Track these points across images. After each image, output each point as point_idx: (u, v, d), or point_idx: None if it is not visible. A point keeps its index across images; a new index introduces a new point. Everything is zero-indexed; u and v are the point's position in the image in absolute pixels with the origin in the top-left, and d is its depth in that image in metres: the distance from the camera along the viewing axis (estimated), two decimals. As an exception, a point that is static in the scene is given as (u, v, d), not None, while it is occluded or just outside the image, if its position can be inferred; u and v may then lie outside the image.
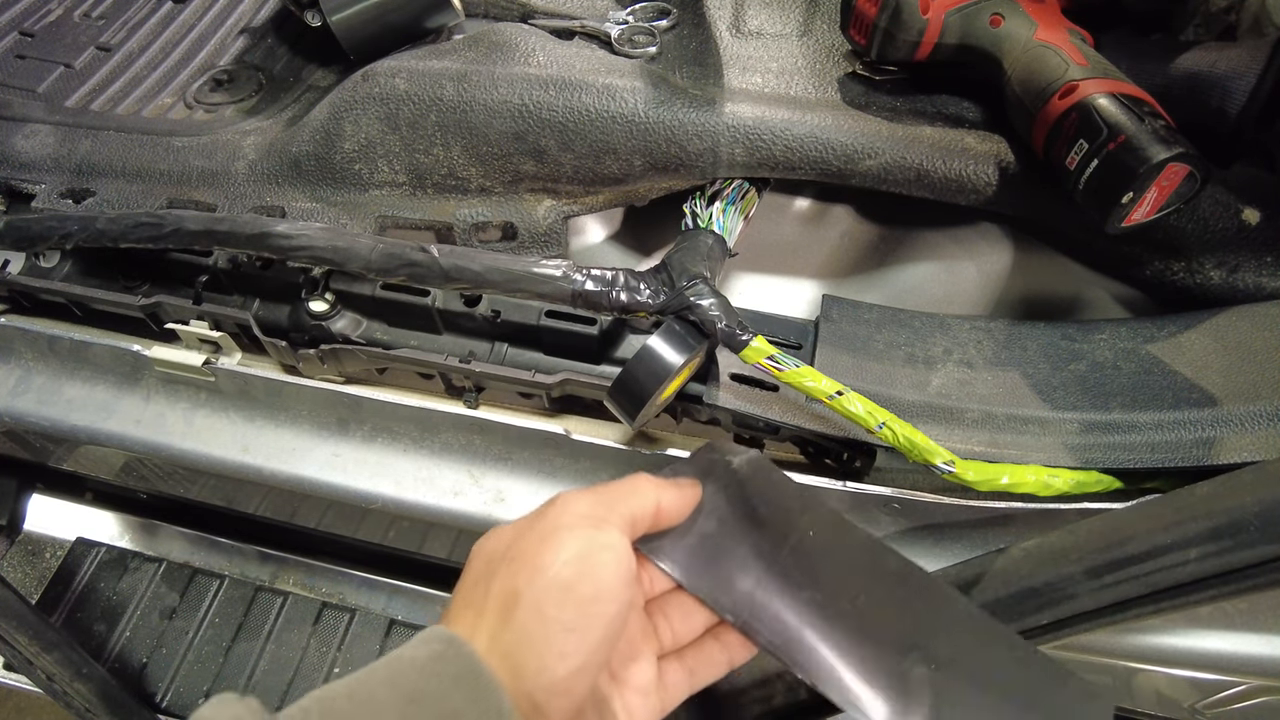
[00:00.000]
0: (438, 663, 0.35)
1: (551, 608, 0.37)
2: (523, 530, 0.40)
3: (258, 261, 0.66)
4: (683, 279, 0.56)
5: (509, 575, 0.38)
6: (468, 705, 0.34)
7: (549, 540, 0.38)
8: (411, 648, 0.36)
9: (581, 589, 0.37)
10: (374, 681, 0.34)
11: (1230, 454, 0.51)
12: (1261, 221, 0.58)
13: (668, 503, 0.43)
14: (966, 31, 0.60)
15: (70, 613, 0.95)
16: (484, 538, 0.41)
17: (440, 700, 0.34)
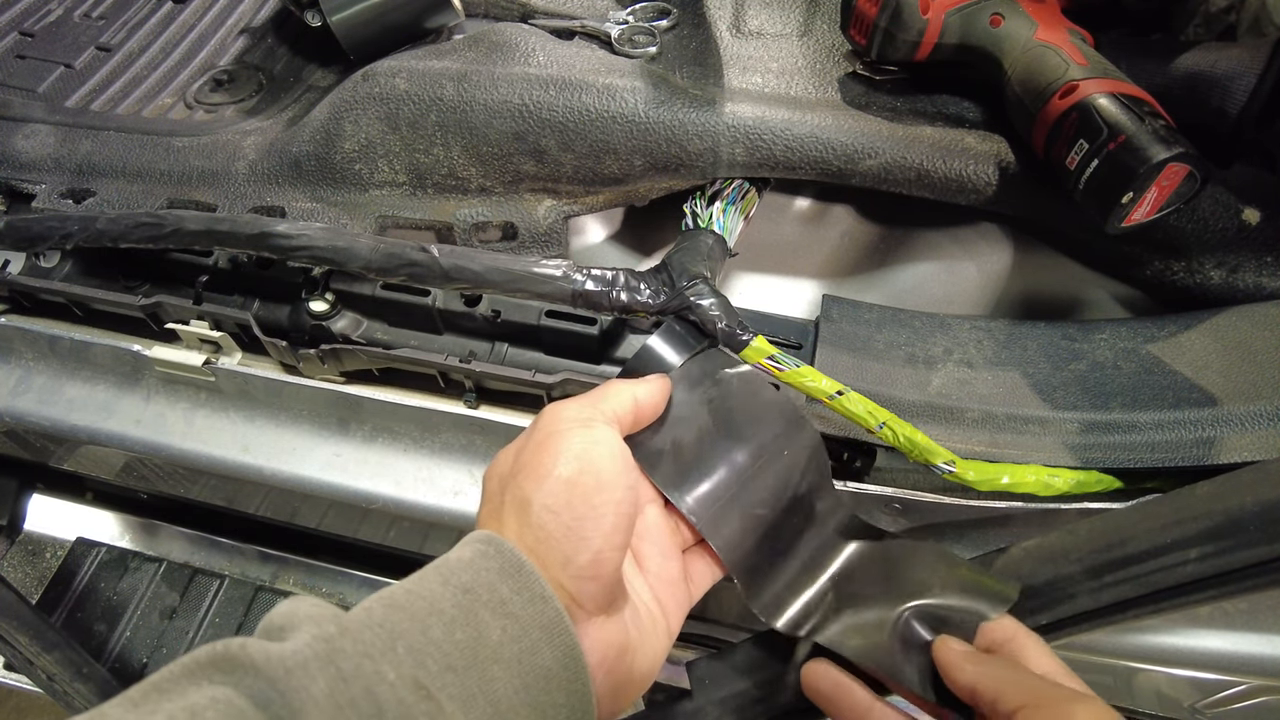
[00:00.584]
0: (483, 559, 0.38)
1: (560, 504, 0.40)
2: (521, 444, 0.43)
3: (258, 261, 0.66)
4: (683, 279, 0.56)
5: (517, 486, 0.41)
6: (514, 593, 0.37)
7: (546, 446, 0.41)
8: (457, 550, 0.39)
9: (584, 481, 0.40)
10: (428, 579, 0.37)
11: (1230, 454, 0.51)
12: (1261, 221, 0.58)
13: (643, 397, 0.46)
14: (966, 31, 0.60)
15: (70, 613, 0.95)
16: (491, 462, 0.44)
17: (490, 589, 0.36)
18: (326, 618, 0.34)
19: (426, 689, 0.32)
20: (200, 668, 0.31)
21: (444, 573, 0.37)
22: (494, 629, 0.35)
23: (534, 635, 0.36)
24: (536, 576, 0.37)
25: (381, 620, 0.34)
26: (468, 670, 0.34)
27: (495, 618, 0.36)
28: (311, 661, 0.31)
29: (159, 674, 0.32)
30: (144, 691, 0.31)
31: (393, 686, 0.32)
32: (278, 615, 0.35)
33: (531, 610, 0.37)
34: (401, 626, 0.34)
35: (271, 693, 0.30)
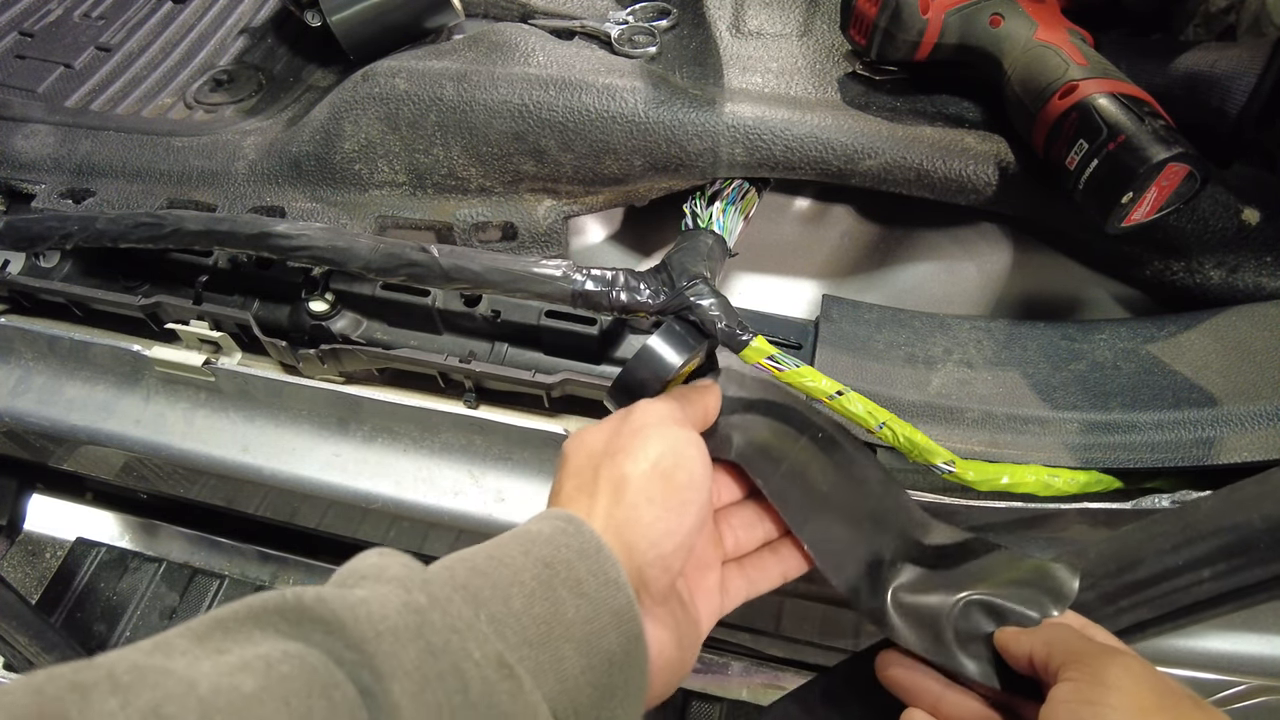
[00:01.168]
0: (563, 536, 0.39)
1: (657, 492, 0.41)
2: (616, 428, 0.45)
3: (257, 261, 0.66)
4: (683, 279, 0.56)
5: (614, 465, 0.42)
6: (590, 574, 0.38)
7: (645, 435, 0.43)
8: (536, 523, 0.40)
9: (678, 477, 0.42)
10: (508, 547, 0.38)
11: (1230, 454, 0.51)
12: (1261, 221, 0.58)
13: (711, 406, 0.49)
14: (966, 31, 0.60)
15: (70, 613, 0.95)
16: (575, 438, 0.46)
17: (568, 568, 0.37)
18: (415, 583, 0.34)
19: (509, 666, 0.33)
20: (267, 614, 0.31)
21: (524, 544, 0.38)
22: (569, 607, 0.36)
23: (604, 619, 0.37)
24: (613, 561, 0.39)
25: (465, 584, 0.35)
26: (542, 645, 0.35)
27: (571, 596, 0.37)
28: (402, 631, 0.31)
29: (221, 611, 0.31)
30: (207, 626, 0.31)
31: (478, 665, 0.32)
32: (363, 566, 0.36)
33: (604, 594, 0.38)
34: (484, 594, 0.35)
35: (353, 655, 0.30)
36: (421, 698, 0.30)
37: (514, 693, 0.33)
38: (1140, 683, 0.39)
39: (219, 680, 0.27)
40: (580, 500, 0.42)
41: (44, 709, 0.24)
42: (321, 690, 0.29)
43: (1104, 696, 0.38)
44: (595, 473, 0.43)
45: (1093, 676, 0.39)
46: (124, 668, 0.26)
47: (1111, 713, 0.38)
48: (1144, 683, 0.39)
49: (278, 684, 0.28)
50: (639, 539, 0.41)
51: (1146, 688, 0.39)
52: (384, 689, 0.30)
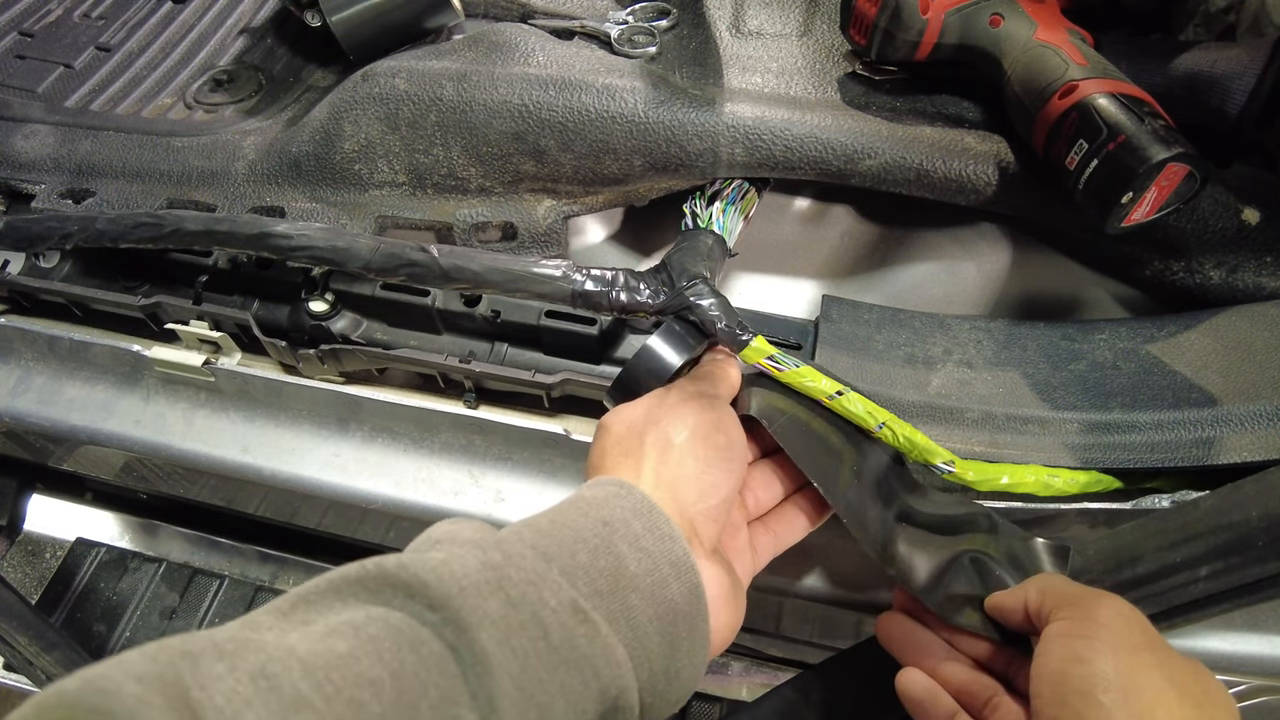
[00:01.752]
0: (616, 499, 0.41)
1: (701, 450, 0.45)
2: (655, 403, 0.48)
3: (257, 261, 0.66)
4: (683, 279, 0.56)
5: (659, 431, 0.46)
6: (645, 530, 0.40)
7: (686, 405, 0.47)
8: (589, 490, 0.42)
9: (718, 439, 0.46)
10: (566, 512, 0.40)
11: (1230, 454, 0.51)
12: (1261, 221, 0.58)
13: (734, 376, 0.52)
14: (966, 31, 0.60)
15: (70, 613, 0.95)
16: (614, 413, 0.49)
17: (625, 524, 0.40)
18: (489, 543, 0.36)
19: (584, 611, 0.35)
20: (348, 585, 0.33)
21: (581, 508, 0.40)
22: (630, 559, 0.38)
23: (664, 569, 0.39)
24: (665, 517, 0.41)
25: (533, 543, 0.37)
26: (611, 595, 0.37)
27: (631, 550, 0.39)
28: (483, 585, 0.33)
29: (302, 588, 0.33)
30: (291, 602, 0.32)
31: (555, 611, 0.34)
32: (439, 531, 0.38)
33: (661, 547, 0.40)
34: (552, 551, 0.37)
35: (435, 615, 0.32)
36: (507, 644, 0.32)
37: (591, 636, 0.35)
38: (1129, 622, 0.40)
39: (313, 645, 0.29)
40: (626, 465, 0.45)
41: (161, 672, 0.26)
42: (410, 645, 0.31)
43: (1095, 631, 0.40)
44: (640, 440, 0.46)
45: (1084, 614, 0.41)
46: (224, 637, 0.29)
47: (1102, 645, 0.39)
48: (1133, 622, 0.40)
49: (368, 643, 0.30)
50: (687, 493, 0.43)
51: (1135, 627, 0.40)
52: (471, 639, 0.32)
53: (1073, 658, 0.40)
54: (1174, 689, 0.38)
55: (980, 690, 0.46)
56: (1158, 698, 0.38)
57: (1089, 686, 0.38)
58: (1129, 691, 0.38)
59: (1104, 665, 0.38)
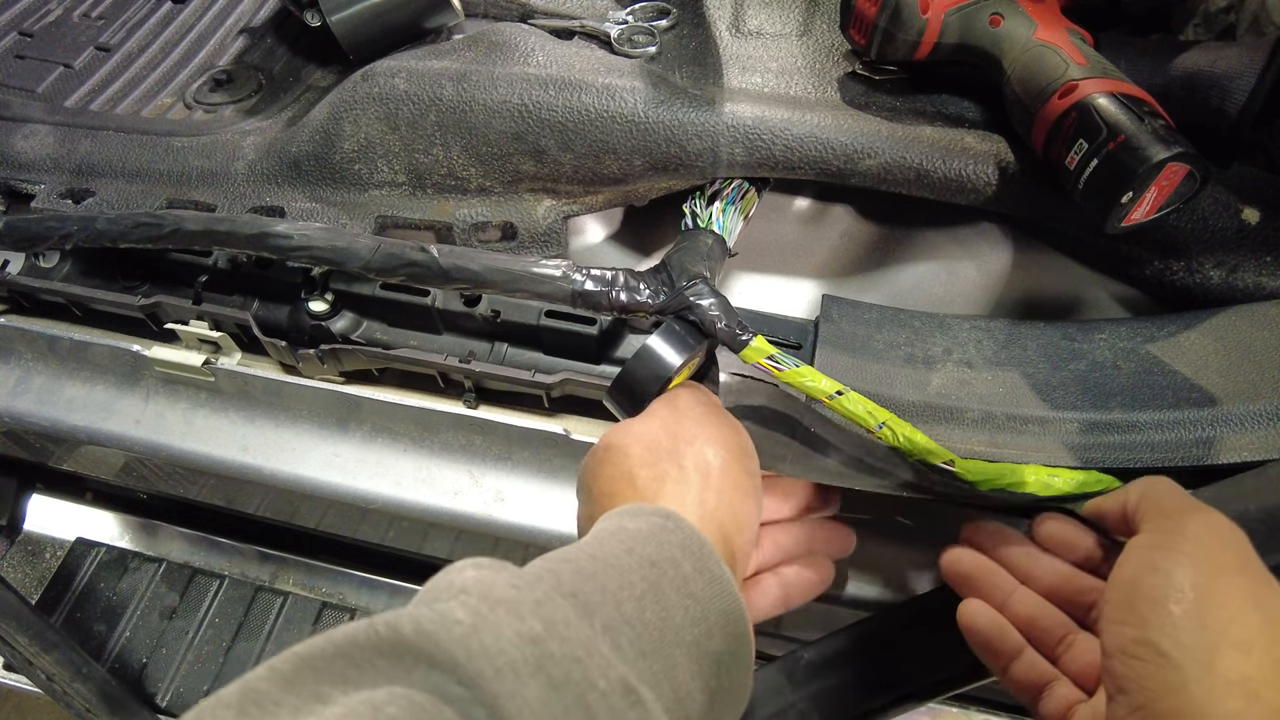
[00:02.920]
0: (663, 533, 0.38)
1: (741, 477, 0.43)
2: (669, 417, 0.45)
3: (257, 261, 0.66)
4: (682, 279, 0.56)
5: (697, 452, 0.43)
6: (696, 572, 0.37)
7: (707, 422, 0.44)
8: (631, 520, 0.38)
9: (750, 463, 0.44)
10: (610, 546, 0.37)
11: (1230, 453, 0.51)
12: (1261, 221, 0.58)
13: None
14: (966, 31, 0.60)
15: (70, 613, 0.95)
16: (621, 431, 0.45)
17: (675, 565, 0.36)
18: (525, 606, 0.31)
19: (635, 692, 0.31)
20: (361, 652, 0.29)
21: (626, 542, 0.37)
22: (678, 609, 0.35)
23: (712, 619, 0.36)
24: (716, 558, 0.38)
25: (573, 590, 0.33)
26: (655, 655, 0.34)
27: (679, 597, 0.36)
28: (520, 666, 0.29)
29: (304, 649, 0.29)
30: (294, 668, 0.28)
31: (604, 695, 0.30)
32: (462, 579, 0.32)
33: (710, 592, 0.37)
34: (594, 600, 0.33)
35: (464, 692, 0.28)
36: None
37: (642, 717, 0.31)
38: (1224, 541, 0.37)
39: None
40: (666, 489, 0.41)
41: None
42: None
43: (1179, 544, 0.36)
44: (678, 462, 0.42)
45: (1173, 526, 0.37)
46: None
47: (1184, 559, 0.36)
48: (1228, 541, 0.37)
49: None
50: (732, 525, 0.41)
51: (1230, 547, 0.37)
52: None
53: (1149, 567, 0.37)
54: (1259, 613, 0.34)
55: (1054, 626, 0.43)
56: (1235, 617, 0.34)
57: (1161, 595, 0.35)
58: (1203, 606, 0.35)
59: (1181, 577, 0.35)
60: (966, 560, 0.48)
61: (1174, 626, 0.34)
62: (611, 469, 0.44)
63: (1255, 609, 0.35)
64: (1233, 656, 0.33)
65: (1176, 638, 0.34)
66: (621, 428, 0.45)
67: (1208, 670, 0.33)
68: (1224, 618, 0.34)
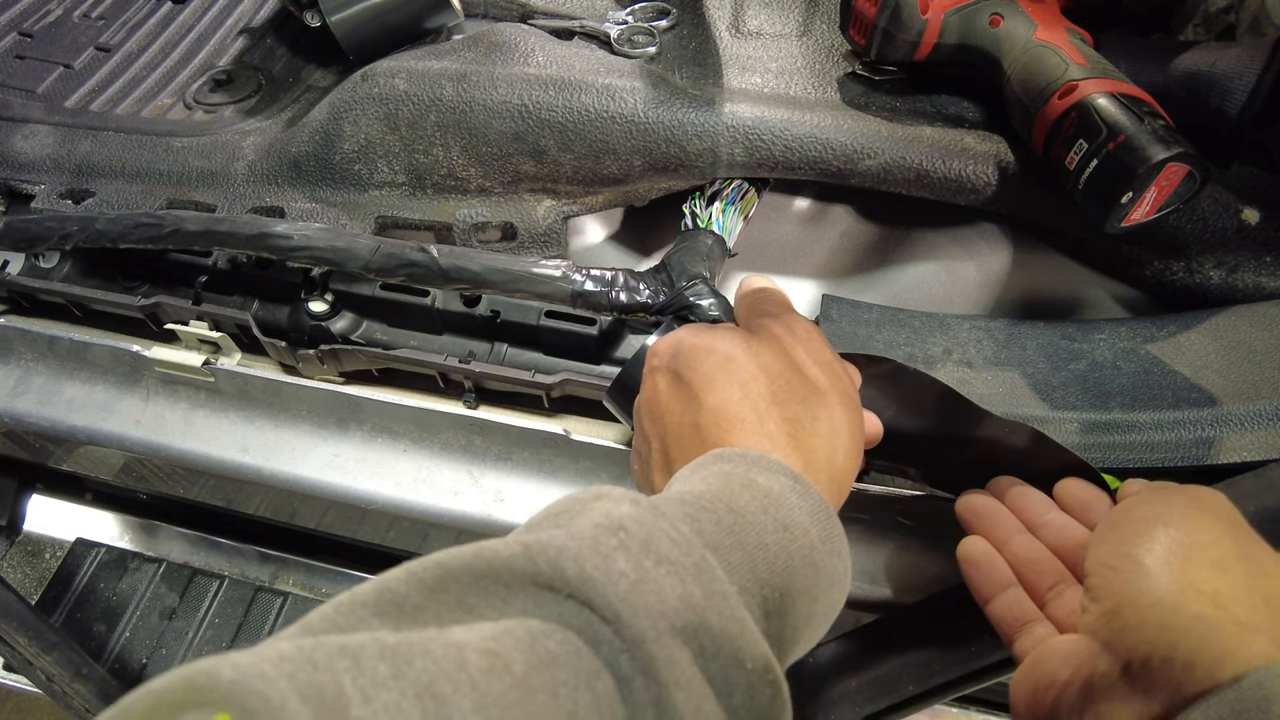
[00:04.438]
0: (793, 495, 0.36)
1: (859, 443, 0.41)
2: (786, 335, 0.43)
3: (257, 262, 0.66)
4: (682, 279, 0.56)
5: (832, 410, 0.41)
6: (821, 542, 0.36)
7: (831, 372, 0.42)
8: (761, 474, 0.37)
9: (864, 424, 0.43)
10: (746, 502, 0.35)
11: (1230, 454, 0.51)
12: (1261, 221, 0.58)
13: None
14: (966, 31, 0.60)
15: (70, 613, 0.95)
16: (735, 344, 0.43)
17: (803, 533, 0.35)
18: (687, 569, 0.31)
19: (775, 674, 0.31)
20: (514, 576, 0.28)
21: (760, 499, 0.35)
22: (800, 575, 0.35)
23: (821, 586, 0.36)
24: (839, 528, 0.37)
25: (717, 544, 0.33)
26: (778, 616, 0.34)
27: (804, 565, 0.35)
28: (680, 632, 0.29)
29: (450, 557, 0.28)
30: (438, 576, 0.27)
31: (748, 673, 0.30)
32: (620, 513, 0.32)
33: (830, 563, 0.36)
34: (734, 559, 0.33)
35: (614, 640, 0.28)
36: (700, 711, 0.29)
37: (773, 699, 0.31)
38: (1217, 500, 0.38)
39: (484, 660, 0.25)
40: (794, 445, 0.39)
41: (322, 685, 0.22)
42: (586, 681, 0.27)
43: (1176, 493, 0.38)
44: (810, 410, 0.40)
45: (1174, 487, 0.39)
46: (383, 635, 0.25)
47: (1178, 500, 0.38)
48: (1220, 502, 0.38)
49: (546, 667, 0.26)
50: (841, 494, 0.41)
51: (1221, 505, 0.38)
52: (665, 696, 0.28)
53: (1143, 500, 0.39)
54: (1237, 546, 0.36)
55: (1048, 572, 0.44)
56: (1215, 542, 0.36)
57: (1149, 519, 0.37)
58: (1187, 531, 0.36)
59: (1171, 510, 0.37)
60: (979, 500, 0.48)
61: (1154, 542, 0.36)
62: (727, 377, 0.41)
63: (1234, 543, 0.36)
64: (1207, 572, 0.35)
65: (1155, 551, 0.36)
66: (732, 335, 0.43)
67: (1180, 580, 0.35)
68: (1204, 541, 0.36)
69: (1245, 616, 0.34)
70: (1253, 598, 0.34)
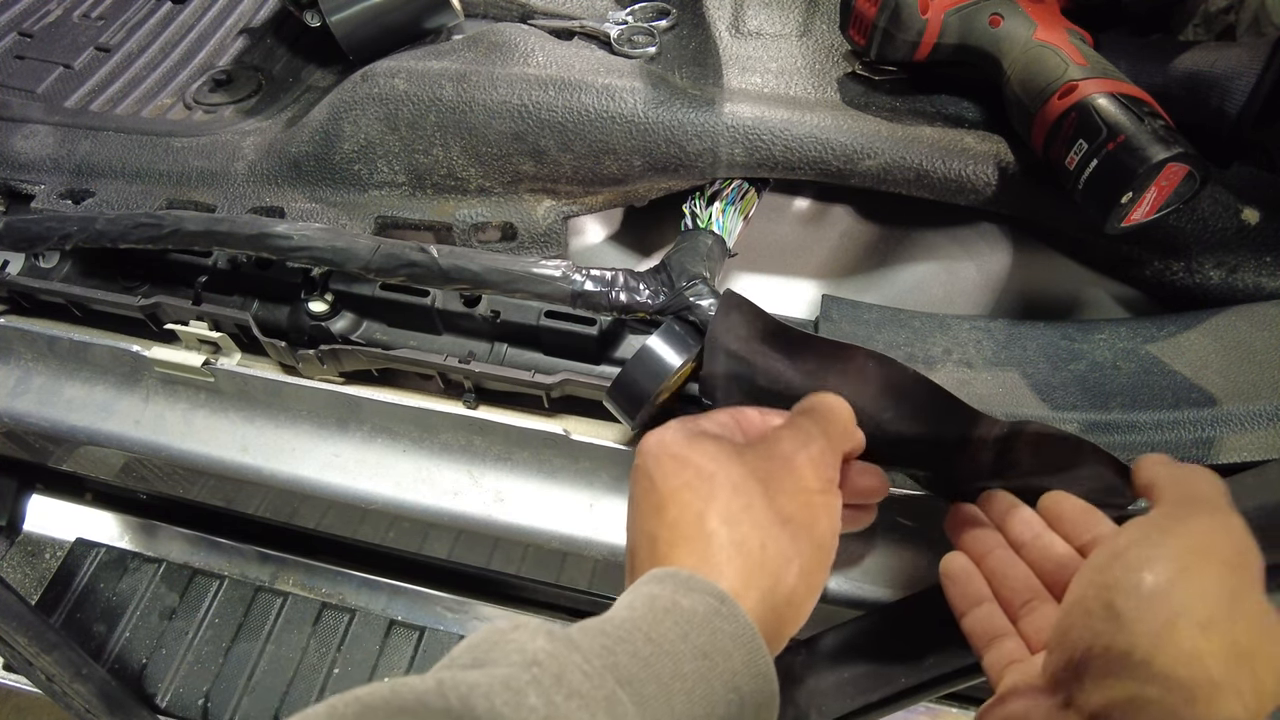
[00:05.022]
0: (717, 619, 0.36)
1: (818, 575, 0.40)
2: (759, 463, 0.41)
3: (257, 262, 0.66)
4: (682, 279, 0.56)
5: (788, 538, 0.39)
6: (744, 666, 0.35)
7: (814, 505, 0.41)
8: (686, 597, 0.36)
9: (830, 558, 0.41)
10: (665, 628, 0.35)
11: (1230, 454, 0.51)
12: (1261, 221, 0.58)
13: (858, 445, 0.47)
14: (966, 31, 0.60)
15: (70, 613, 0.95)
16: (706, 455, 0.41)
17: (725, 659, 0.35)
18: (597, 703, 0.31)
19: None
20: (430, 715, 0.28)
21: (681, 626, 0.35)
22: (721, 703, 0.34)
23: (749, 713, 0.35)
24: (764, 653, 0.36)
25: (630, 678, 0.33)
26: None
27: (725, 691, 0.35)
28: None
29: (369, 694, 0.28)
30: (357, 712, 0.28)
31: None
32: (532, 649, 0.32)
33: (753, 686, 0.36)
34: (649, 692, 0.33)
35: None
36: None
37: None
38: (1228, 538, 0.36)
39: None
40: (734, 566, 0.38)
41: None
42: None
43: (1180, 529, 0.36)
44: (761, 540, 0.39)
45: (1185, 515, 0.36)
46: None
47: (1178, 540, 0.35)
48: (1231, 539, 0.36)
49: None
50: (789, 624, 0.40)
51: (1231, 543, 0.35)
52: None
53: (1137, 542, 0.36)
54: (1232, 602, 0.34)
55: (1023, 588, 0.43)
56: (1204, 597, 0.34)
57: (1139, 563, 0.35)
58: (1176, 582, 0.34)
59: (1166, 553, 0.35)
60: (966, 513, 0.49)
61: (1138, 592, 0.34)
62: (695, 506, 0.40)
63: (1230, 598, 0.34)
64: (1189, 631, 0.33)
65: (1136, 602, 0.34)
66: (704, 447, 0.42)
67: (1157, 641, 0.33)
68: (1193, 594, 0.33)
69: (1220, 674, 0.32)
70: (1233, 650, 0.33)
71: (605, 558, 0.62)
